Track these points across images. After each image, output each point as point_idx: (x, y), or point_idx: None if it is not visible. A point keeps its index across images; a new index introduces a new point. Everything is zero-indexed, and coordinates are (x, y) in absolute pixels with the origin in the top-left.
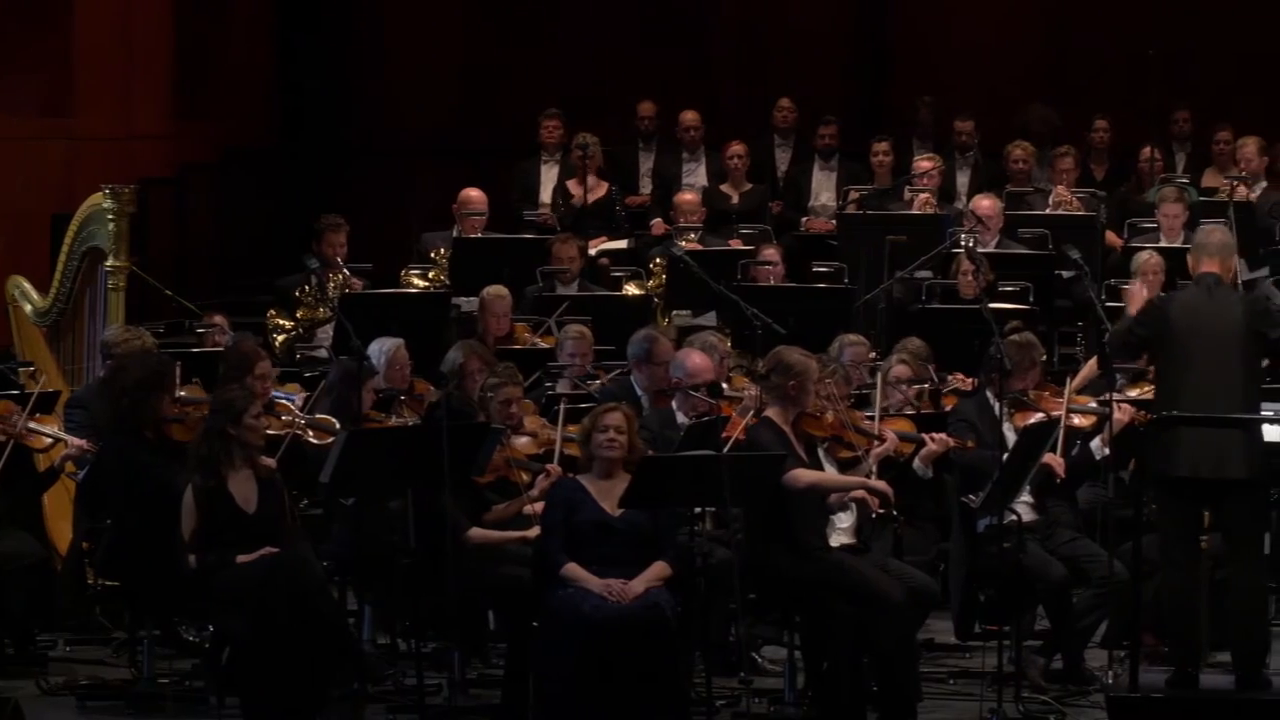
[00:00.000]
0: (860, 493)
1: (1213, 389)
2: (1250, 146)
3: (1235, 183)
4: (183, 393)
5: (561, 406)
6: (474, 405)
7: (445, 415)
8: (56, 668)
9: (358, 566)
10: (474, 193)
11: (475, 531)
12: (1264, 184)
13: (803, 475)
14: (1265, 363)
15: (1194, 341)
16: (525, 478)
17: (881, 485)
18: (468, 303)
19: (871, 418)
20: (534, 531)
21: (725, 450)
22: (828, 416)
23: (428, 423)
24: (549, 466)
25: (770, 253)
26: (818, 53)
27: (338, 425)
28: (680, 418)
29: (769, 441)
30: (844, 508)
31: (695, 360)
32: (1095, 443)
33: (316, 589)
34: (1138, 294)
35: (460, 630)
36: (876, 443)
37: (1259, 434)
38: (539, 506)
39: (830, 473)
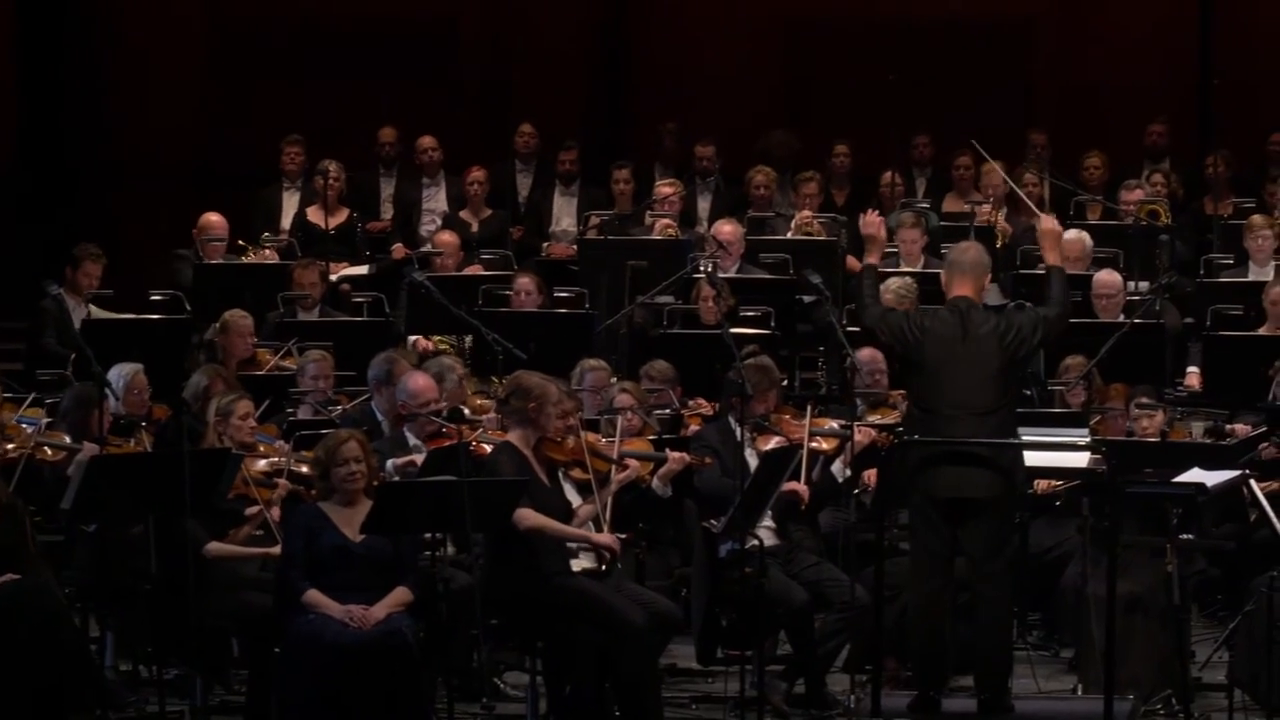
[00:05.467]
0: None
1: (966, 413)
2: (995, 173)
3: (978, 206)
4: None
5: (295, 436)
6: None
7: (184, 437)
8: None
9: (100, 592)
10: (214, 218)
11: (213, 545)
12: (1004, 209)
13: (529, 517)
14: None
15: (947, 369)
16: (265, 494)
17: (607, 540)
18: (214, 329)
19: (613, 441)
20: (278, 549)
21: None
22: (568, 441)
23: (163, 446)
24: (279, 481)
25: (525, 281)
26: (559, 78)
27: (68, 439)
28: (411, 440)
29: (509, 466)
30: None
31: (418, 382)
32: (836, 465)
33: (57, 616)
34: (877, 234)
35: (202, 656)
36: (617, 468)
37: (1011, 459)
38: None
39: (554, 522)
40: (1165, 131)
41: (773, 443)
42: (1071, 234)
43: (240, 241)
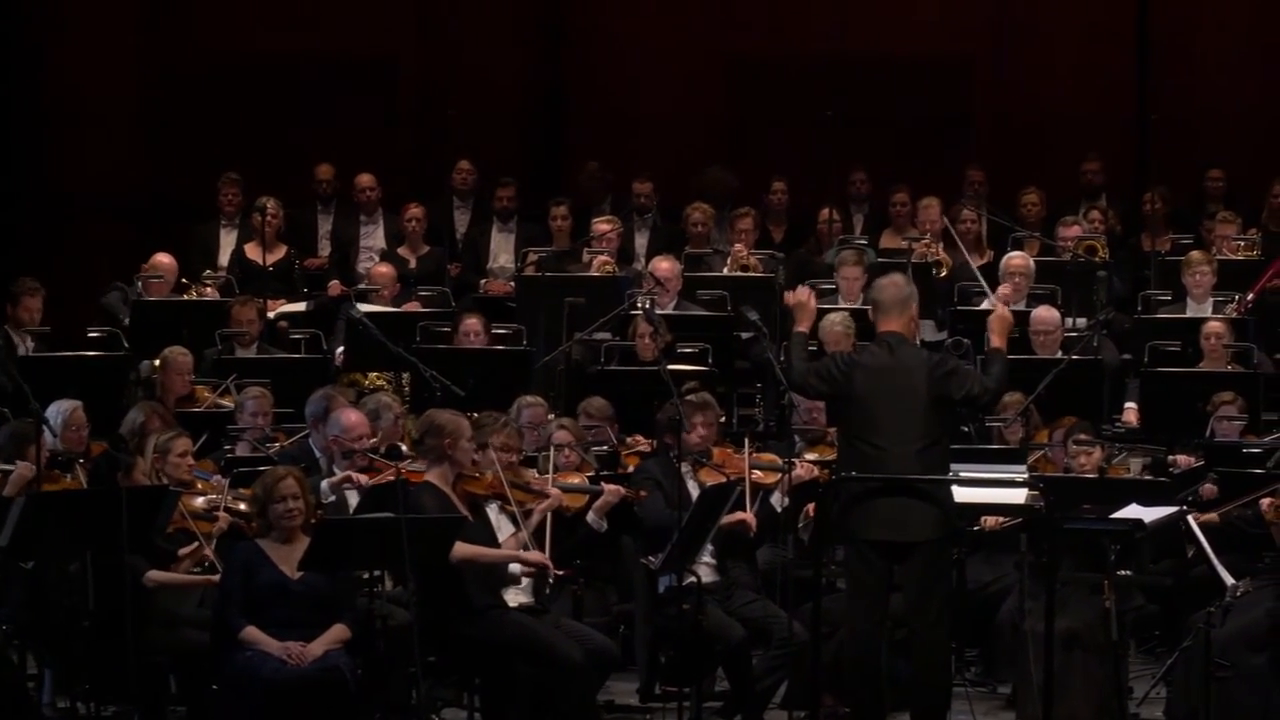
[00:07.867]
0: (519, 566)
1: (896, 451)
2: (933, 208)
3: (914, 242)
4: None
5: (233, 473)
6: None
7: (118, 472)
8: None
9: (37, 630)
10: (164, 259)
11: (154, 573)
12: (941, 243)
13: (459, 549)
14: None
15: (878, 403)
16: (205, 527)
17: (536, 557)
18: (148, 365)
19: (546, 476)
20: (218, 577)
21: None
22: (487, 475)
23: (96, 482)
24: (219, 514)
25: (473, 322)
26: (496, 114)
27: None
28: None
29: (432, 504)
30: (517, 581)
31: (349, 418)
32: (775, 496)
33: None
34: (806, 303)
35: (140, 693)
36: (537, 496)
37: (944, 495)
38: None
39: (483, 548)
40: (1101, 170)
41: (715, 476)
42: (1017, 255)
43: (183, 279)
